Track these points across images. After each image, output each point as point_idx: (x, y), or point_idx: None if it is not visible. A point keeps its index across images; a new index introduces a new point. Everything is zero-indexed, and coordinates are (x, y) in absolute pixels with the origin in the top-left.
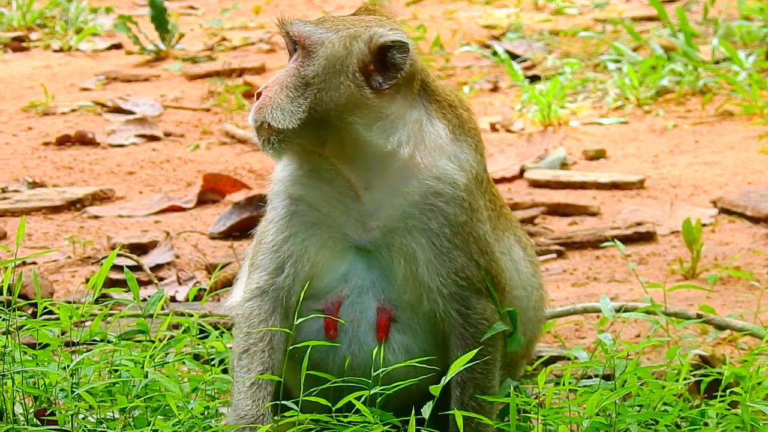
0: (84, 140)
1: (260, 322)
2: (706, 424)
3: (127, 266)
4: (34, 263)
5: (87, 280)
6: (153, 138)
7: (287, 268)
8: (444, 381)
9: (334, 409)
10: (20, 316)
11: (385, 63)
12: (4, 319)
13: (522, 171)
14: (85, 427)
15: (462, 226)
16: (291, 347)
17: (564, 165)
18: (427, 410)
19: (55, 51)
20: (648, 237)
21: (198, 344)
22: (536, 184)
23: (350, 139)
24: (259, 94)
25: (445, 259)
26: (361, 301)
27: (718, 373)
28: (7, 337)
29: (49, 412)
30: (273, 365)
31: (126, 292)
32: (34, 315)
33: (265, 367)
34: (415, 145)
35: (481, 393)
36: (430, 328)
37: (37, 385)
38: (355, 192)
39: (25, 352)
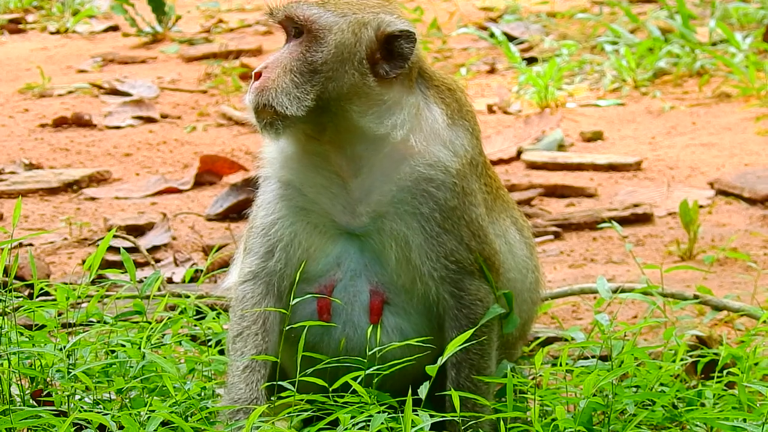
0: (81, 122)
1: (253, 306)
2: (703, 405)
3: (124, 248)
4: (30, 245)
5: (83, 262)
6: (150, 120)
7: (278, 252)
8: (440, 361)
9: (330, 389)
10: (17, 297)
11: (392, 52)
12: (0, 301)
13: (519, 153)
14: (82, 408)
15: (453, 210)
16: (287, 327)
17: (561, 147)
18: (423, 390)
19: (52, 33)
20: (645, 218)
21: (195, 325)
22: (533, 165)
23: (345, 126)
24: (258, 75)
25: (434, 243)
26: (353, 285)
27: (715, 354)
28: (3, 318)
29: (45, 393)
30: (266, 348)
31: (123, 273)
32: (30, 296)
33: (259, 351)
34: (411, 129)
35: (477, 373)
36: (425, 310)
37: (33, 366)
38: (342, 180)
39: (22, 333)
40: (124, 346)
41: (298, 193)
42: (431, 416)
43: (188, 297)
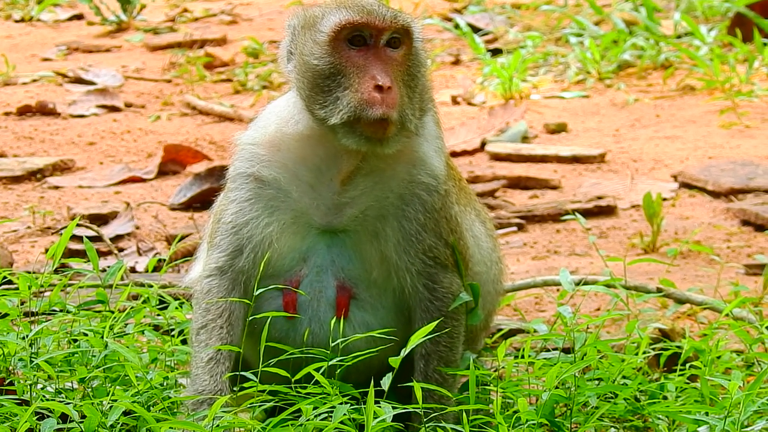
0: (45, 110)
1: (219, 300)
2: (665, 398)
3: (87, 237)
4: None
5: (47, 250)
6: (114, 109)
7: (246, 251)
8: (404, 352)
9: (293, 380)
10: None
11: None
12: None
13: (483, 144)
14: (44, 397)
15: (438, 211)
16: (250, 318)
17: (525, 138)
18: (386, 382)
19: (17, 21)
20: (609, 211)
21: (158, 315)
22: (497, 157)
23: None
24: (383, 88)
25: (414, 240)
26: (319, 281)
27: (678, 347)
28: None
29: (7, 381)
30: (231, 341)
31: (86, 262)
32: None
33: (223, 343)
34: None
35: (445, 365)
36: (393, 304)
37: None
38: (335, 182)
39: None
40: (86, 335)
41: (277, 191)
42: (393, 408)
43: (151, 286)
